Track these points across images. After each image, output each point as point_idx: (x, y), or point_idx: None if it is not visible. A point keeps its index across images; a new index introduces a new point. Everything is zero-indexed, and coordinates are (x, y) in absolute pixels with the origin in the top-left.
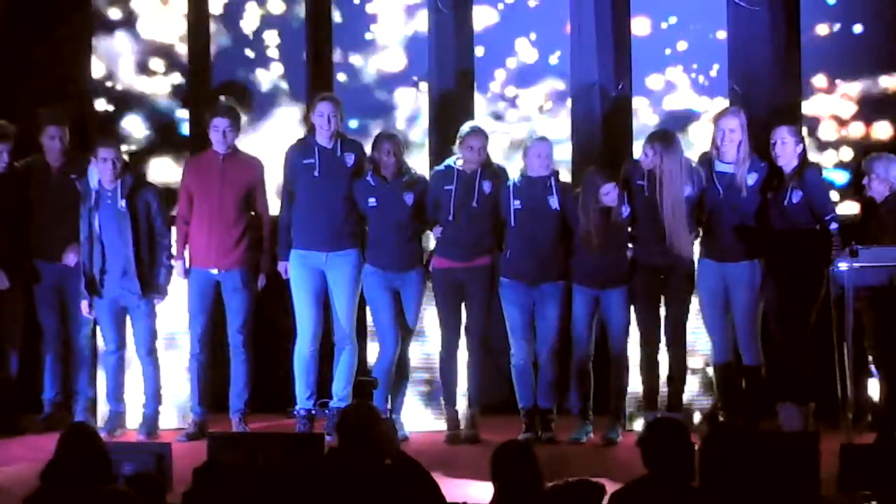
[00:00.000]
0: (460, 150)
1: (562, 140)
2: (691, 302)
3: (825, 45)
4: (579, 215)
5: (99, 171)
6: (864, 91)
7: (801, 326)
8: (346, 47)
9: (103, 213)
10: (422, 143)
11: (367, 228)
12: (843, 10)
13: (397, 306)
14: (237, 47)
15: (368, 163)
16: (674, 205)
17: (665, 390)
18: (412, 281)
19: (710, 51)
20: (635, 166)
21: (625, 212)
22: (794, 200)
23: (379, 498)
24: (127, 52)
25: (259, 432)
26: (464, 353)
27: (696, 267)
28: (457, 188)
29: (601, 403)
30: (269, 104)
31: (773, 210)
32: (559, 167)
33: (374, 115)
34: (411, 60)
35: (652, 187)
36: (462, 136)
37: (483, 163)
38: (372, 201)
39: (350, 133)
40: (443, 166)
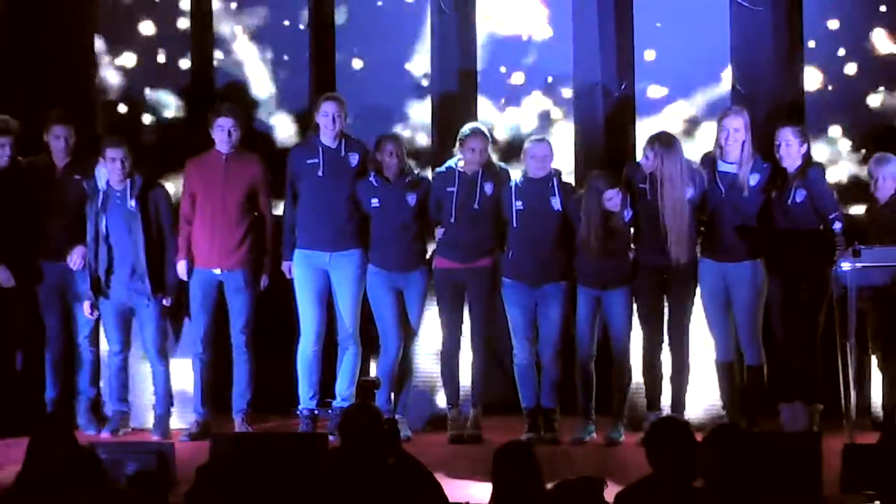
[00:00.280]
0: (461, 152)
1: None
2: (694, 302)
3: None
4: (581, 218)
5: (108, 172)
6: None
7: (809, 326)
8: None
9: (111, 214)
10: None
11: (370, 229)
12: None
13: (400, 307)
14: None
15: (371, 164)
16: (675, 208)
17: (668, 390)
18: (415, 281)
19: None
20: (637, 169)
21: (627, 215)
22: (798, 200)
23: (381, 498)
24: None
25: (262, 432)
26: (466, 354)
27: (699, 267)
28: (458, 189)
29: (603, 403)
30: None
31: (777, 210)
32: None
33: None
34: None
35: (654, 190)
36: (463, 137)
37: (484, 164)
38: (375, 202)
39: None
40: (444, 168)
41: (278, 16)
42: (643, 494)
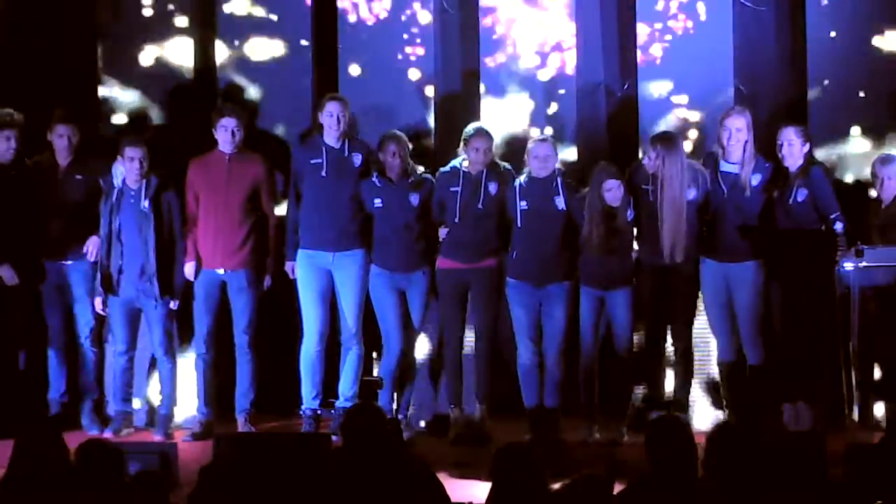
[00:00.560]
0: (465, 152)
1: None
2: (696, 302)
3: None
4: (585, 215)
5: (125, 170)
6: None
7: (812, 326)
8: None
9: (124, 213)
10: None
11: (373, 229)
12: None
13: (403, 307)
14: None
15: (374, 164)
16: (672, 208)
17: (671, 390)
18: (418, 281)
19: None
20: (640, 169)
21: (629, 215)
22: (799, 199)
23: (384, 498)
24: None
25: (265, 432)
26: (468, 354)
27: (701, 267)
28: (462, 189)
29: (606, 403)
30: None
31: (778, 209)
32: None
33: None
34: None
35: (656, 190)
36: (467, 137)
37: (488, 164)
38: (378, 202)
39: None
40: (448, 167)
41: (281, 15)
42: (642, 493)
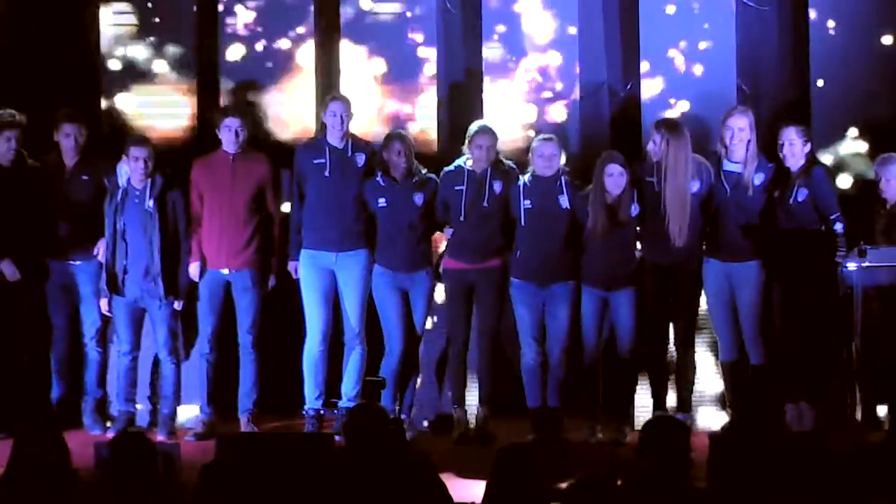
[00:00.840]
0: (469, 150)
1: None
2: (700, 302)
3: None
4: (589, 209)
5: (130, 170)
6: None
7: (813, 326)
8: None
9: (129, 213)
10: None
11: (376, 229)
12: None
13: (406, 307)
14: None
15: (378, 164)
16: (677, 192)
17: (674, 390)
18: (421, 281)
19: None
20: (643, 163)
21: (634, 210)
22: (800, 199)
23: (386, 498)
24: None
25: (267, 432)
26: (471, 354)
27: (704, 267)
28: (467, 188)
29: (609, 404)
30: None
31: (779, 209)
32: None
33: None
34: None
35: (660, 181)
36: (471, 135)
37: (493, 162)
38: (382, 202)
39: None
40: (453, 166)
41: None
42: (634, 493)
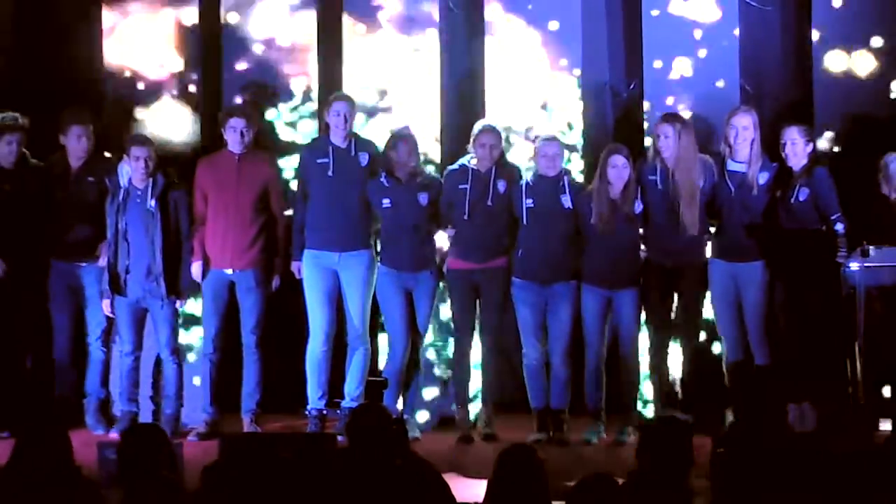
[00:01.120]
0: (473, 149)
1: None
2: (704, 303)
3: None
4: (593, 203)
5: (131, 170)
6: None
7: (816, 326)
8: None
9: (131, 213)
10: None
11: (380, 229)
12: None
13: (409, 307)
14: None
15: (381, 164)
16: (690, 181)
17: (677, 391)
18: (424, 281)
19: None
20: (645, 163)
21: (637, 207)
22: (801, 199)
23: (389, 498)
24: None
25: (271, 432)
26: (475, 354)
27: (709, 267)
28: (472, 187)
29: (613, 404)
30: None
31: (780, 208)
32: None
33: None
34: None
35: (664, 178)
36: (475, 134)
37: (497, 161)
38: (386, 202)
39: None
40: (457, 165)
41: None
42: (635, 493)
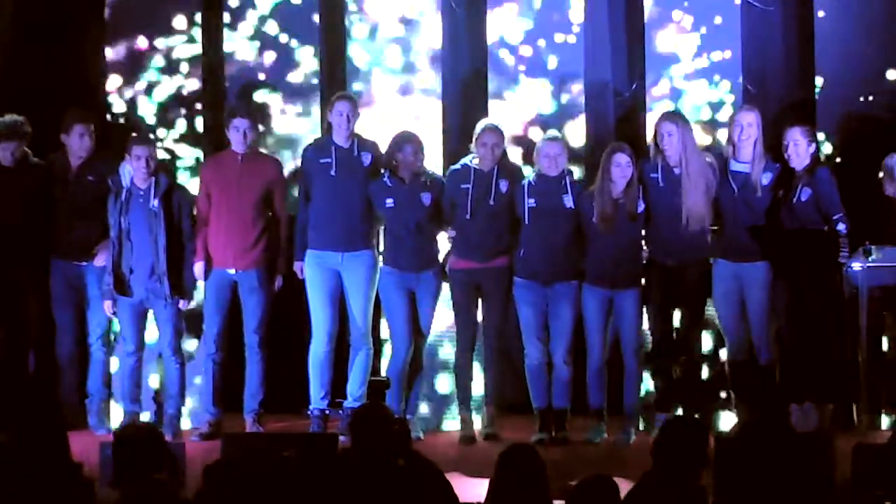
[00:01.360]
0: (476, 148)
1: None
2: (706, 303)
3: None
4: (595, 202)
5: (133, 170)
6: None
7: (818, 326)
8: None
9: (133, 213)
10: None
11: (383, 229)
12: None
13: (412, 307)
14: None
15: (384, 164)
16: (701, 173)
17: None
18: (427, 281)
19: None
20: (647, 162)
21: (639, 207)
22: (803, 199)
23: (391, 498)
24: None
25: (273, 432)
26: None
27: (713, 267)
28: (474, 186)
29: (614, 404)
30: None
31: (783, 208)
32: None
33: None
34: None
35: (667, 177)
36: (477, 133)
37: (499, 161)
38: (389, 202)
39: None
40: (459, 165)
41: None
42: (651, 493)
